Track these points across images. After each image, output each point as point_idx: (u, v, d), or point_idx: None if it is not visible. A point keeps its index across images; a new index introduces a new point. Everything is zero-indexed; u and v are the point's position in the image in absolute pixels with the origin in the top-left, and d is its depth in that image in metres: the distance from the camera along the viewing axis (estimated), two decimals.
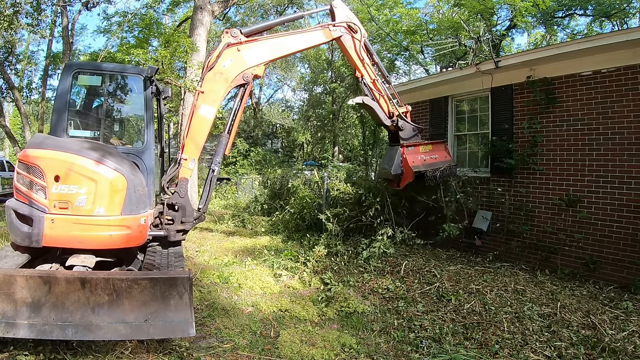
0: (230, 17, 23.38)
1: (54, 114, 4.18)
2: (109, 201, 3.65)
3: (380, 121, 6.05)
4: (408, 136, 6.13)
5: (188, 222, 4.63)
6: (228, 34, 4.87)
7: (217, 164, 4.89)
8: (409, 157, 5.91)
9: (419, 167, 5.95)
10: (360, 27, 5.76)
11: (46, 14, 12.69)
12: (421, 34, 16.78)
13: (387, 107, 6.05)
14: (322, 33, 5.56)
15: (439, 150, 6.45)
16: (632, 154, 5.23)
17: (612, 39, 5.34)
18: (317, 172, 10.85)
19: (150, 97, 4.39)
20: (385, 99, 6.02)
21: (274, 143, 30.16)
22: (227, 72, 4.82)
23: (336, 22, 5.64)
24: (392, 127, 6.11)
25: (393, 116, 6.06)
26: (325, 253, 5.82)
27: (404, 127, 6.09)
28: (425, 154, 6.18)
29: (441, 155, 6.40)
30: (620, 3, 13.75)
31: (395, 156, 5.94)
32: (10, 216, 3.66)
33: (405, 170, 5.94)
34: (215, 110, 4.79)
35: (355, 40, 5.72)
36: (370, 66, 5.89)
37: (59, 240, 3.61)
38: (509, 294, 4.59)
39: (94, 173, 3.62)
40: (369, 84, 5.87)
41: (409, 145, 6.03)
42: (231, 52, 4.86)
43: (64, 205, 3.57)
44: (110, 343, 3.24)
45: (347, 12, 5.84)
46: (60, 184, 3.55)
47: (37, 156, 3.63)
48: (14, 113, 26.33)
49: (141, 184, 4.00)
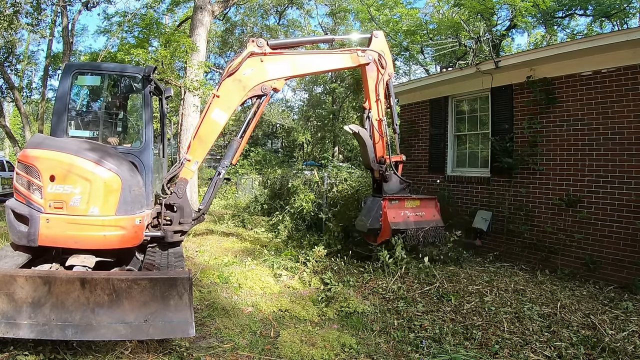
0: (230, 17, 23.42)
1: (54, 116, 4.20)
2: (103, 201, 3.66)
3: (368, 161, 5.70)
4: (393, 190, 5.74)
5: (186, 223, 4.58)
6: (254, 43, 4.84)
7: (224, 167, 4.86)
8: (390, 212, 5.51)
9: (399, 224, 5.52)
10: (390, 64, 5.65)
11: (46, 14, 12.70)
12: (421, 34, 16.77)
13: (382, 152, 5.75)
14: (349, 57, 5.48)
15: (427, 208, 5.89)
16: (632, 154, 5.23)
17: (612, 39, 5.34)
18: (317, 172, 10.85)
19: (148, 96, 4.38)
20: (383, 142, 5.75)
21: (274, 143, 30.16)
22: (247, 80, 4.79)
23: (368, 49, 5.55)
24: (377, 173, 5.76)
25: (384, 163, 5.73)
26: (325, 253, 5.81)
27: (389, 179, 5.72)
28: (411, 210, 5.71)
29: (429, 214, 5.85)
30: (620, 3, 13.74)
31: (375, 208, 5.57)
32: (9, 216, 3.69)
33: (383, 226, 5.54)
34: (227, 116, 4.77)
35: (380, 75, 5.61)
36: (383, 106, 5.69)
37: (54, 240, 3.63)
38: (509, 294, 4.59)
39: (88, 173, 3.64)
40: (373, 120, 5.66)
41: (393, 198, 5.62)
42: (254, 61, 4.82)
43: (59, 205, 3.58)
44: (110, 343, 3.24)
45: (385, 46, 5.74)
46: (56, 184, 3.57)
47: (34, 156, 3.65)
48: (14, 113, 26.34)
49: (137, 184, 3.98)
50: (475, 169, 7.60)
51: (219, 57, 26.49)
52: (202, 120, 4.72)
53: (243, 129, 4.96)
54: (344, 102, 23.85)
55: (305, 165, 20.10)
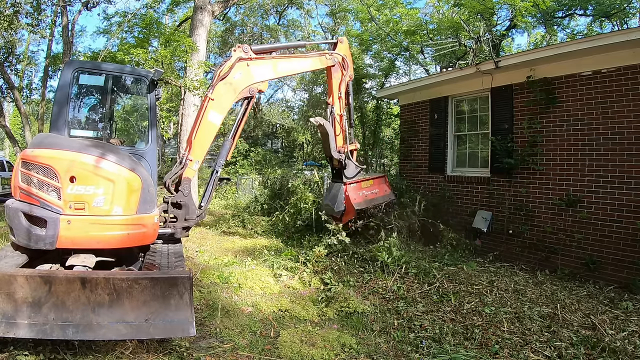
0: (230, 17, 23.43)
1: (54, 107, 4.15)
2: (126, 201, 3.70)
3: (329, 151, 6.34)
4: (351, 175, 6.41)
5: (191, 220, 4.91)
6: (240, 48, 5.23)
7: (219, 165, 5.33)
8: (352, 195, 6.19)
9: (361, 204, 6.23)
10: (351, 67, 6.40)
11: (46, 14, 12.68)
12: (421, 34, 16.75)
13: (343, 142, 6.45)
14: (319, 60, 6.15)
15: (379, 184, 6.76)
16: (632, 154, 5.24)
17: (612, 39, 5.34)
18: (317, 172, 10.84)
19: (154, 99, 4.49)
20: (343, 135, 6.44)
21: (274, 143, 30.19)
22: (237, 83, 5.17)
23: (334, 52, 6.23)
24: (336, 162, 6.41)
25: (342, 153, 6.39)
26: (325, 253, 5.81)
27: (347, 166, 6.40)
28: (367, 189, 6.48)
29: (382, 190, 6.71)
30: (620, 3, 13.74)
31: (338, 193, 6.25)
32: (19, 218, 3.54)
33: (347, 207, 6.21)
34: (222, 117, 5.13)
35: (343, 76, 6.31)
36: (343, 103, 6.39)
37: (75, 241, 3.58)
38: (509, 294, 4.59)
39: (110, 173, 3.65)
40: (335, 114, 6.31)
41: (352, 182, 6.30)
42: (241, 66, 5.20)
43: (81, 206, 3.56)
44: (111, 343, 3.24)
45: (347, 51, 6.43)
46: (77, 185, 3.54)
47: (49, 156, 3.57)
48: (14, 113, 26.33)
49: (152, 183, 4.11)
50: (475, 169, 7.61)
51: (219, 57, 26.48)
52: (199, 122, 4.98)
53: (234, 130, 5.41)
54: None
55: (305, 165, 20.10)
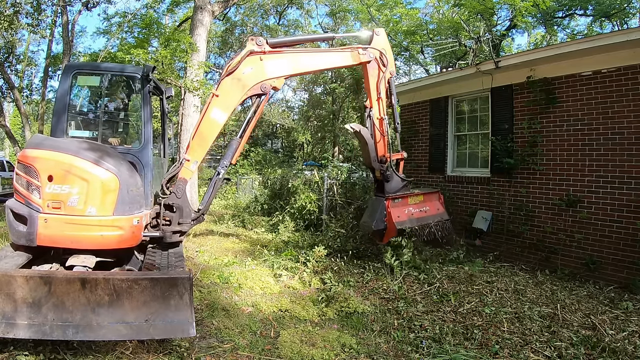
0: (230, 17, 23.41)
1: (54, 116, 4.22)
2: (100, 201, 3.67)
3: (369, 161, 5.57)
4: (394, 189, 5.60)
5: (185, 224, 4.55)
6: (253, 41, 4.76)
7: (224, 167, 4.79)
8: (394, 212, 5.39)
9: (404, 222, 5.39)
10: (391, 62, 5.51)
11: (46, 14, 12.67)
12: (421, 34, 16.75)
13: (384, 151, 5.62)
14: (350, 55, 5.34)
15: (431, 202, 5.82)
16: (632, 154, 5.23)
17: (612, 39, 5.34)
18: (317, 172, 10.84)
19: (147, 95, 4.37)
20: (384, 141, 5.60)
21: (274, 143, 30.16)
22: (246, 79, 4.71)
23: (369, 47, 5.40)
24: (378, 173, 5.61)
25: (385, 162, 5.58)
26: (325, 253, 5.81)
27: (391, 179, 5.58)
28: (415, 206, 5.61)
29: (433, 208, 5.78)
30: (620, 3, 13.75)
31: (378, 209, 5.46)
32: (8, 216, 3.71)
33: (388, 226, 5.42)
34: (227, 115, 4.71)
35: (381, 73, 5.46)
36: (384, 104, 5.55)
37: (53, 240, 3.64)
38: (509, 294, 4.59)
39: (85, 173, 3.64)
40: (374, 119, 5.50)
41: (396, 197, 5.50)
42: (253, 60, 4.75)
43: (57, 205, 3.59)
44: (111, 343, 3.24)
45: (386, 44, 5.58)
46: (54, 184, 3.58)
47: (33, 156, 3.67)
48: (14, 113, 26.33)
49: (136, 184, 3.98)
50: (476, 169, 7.60)
51: (219, 57, 26.51)
52: (201, 119, 4.66)
53: (243, 129, 4.91)
54: (344, 102, 23.85)
55: (305, 165, 20.08)
